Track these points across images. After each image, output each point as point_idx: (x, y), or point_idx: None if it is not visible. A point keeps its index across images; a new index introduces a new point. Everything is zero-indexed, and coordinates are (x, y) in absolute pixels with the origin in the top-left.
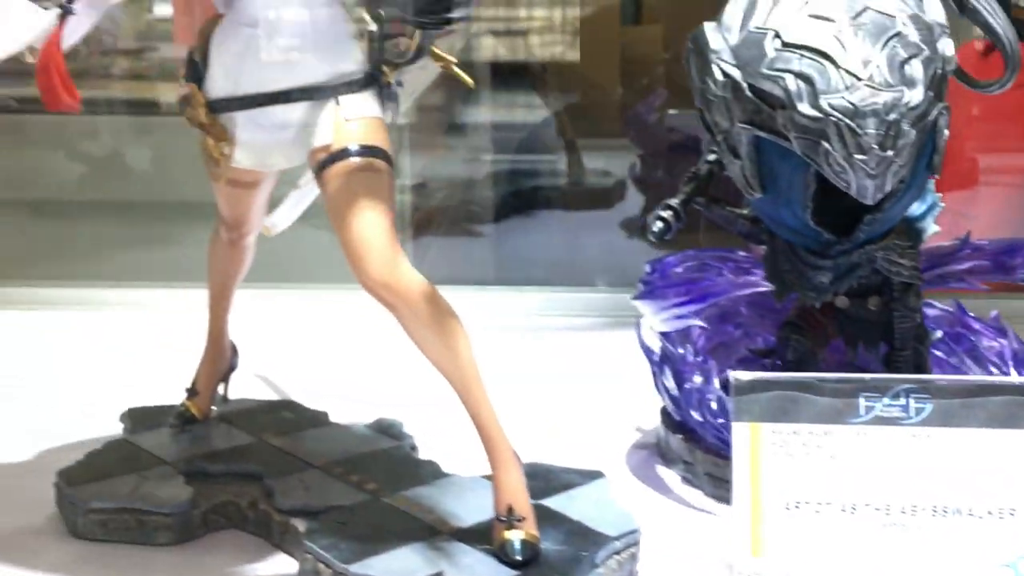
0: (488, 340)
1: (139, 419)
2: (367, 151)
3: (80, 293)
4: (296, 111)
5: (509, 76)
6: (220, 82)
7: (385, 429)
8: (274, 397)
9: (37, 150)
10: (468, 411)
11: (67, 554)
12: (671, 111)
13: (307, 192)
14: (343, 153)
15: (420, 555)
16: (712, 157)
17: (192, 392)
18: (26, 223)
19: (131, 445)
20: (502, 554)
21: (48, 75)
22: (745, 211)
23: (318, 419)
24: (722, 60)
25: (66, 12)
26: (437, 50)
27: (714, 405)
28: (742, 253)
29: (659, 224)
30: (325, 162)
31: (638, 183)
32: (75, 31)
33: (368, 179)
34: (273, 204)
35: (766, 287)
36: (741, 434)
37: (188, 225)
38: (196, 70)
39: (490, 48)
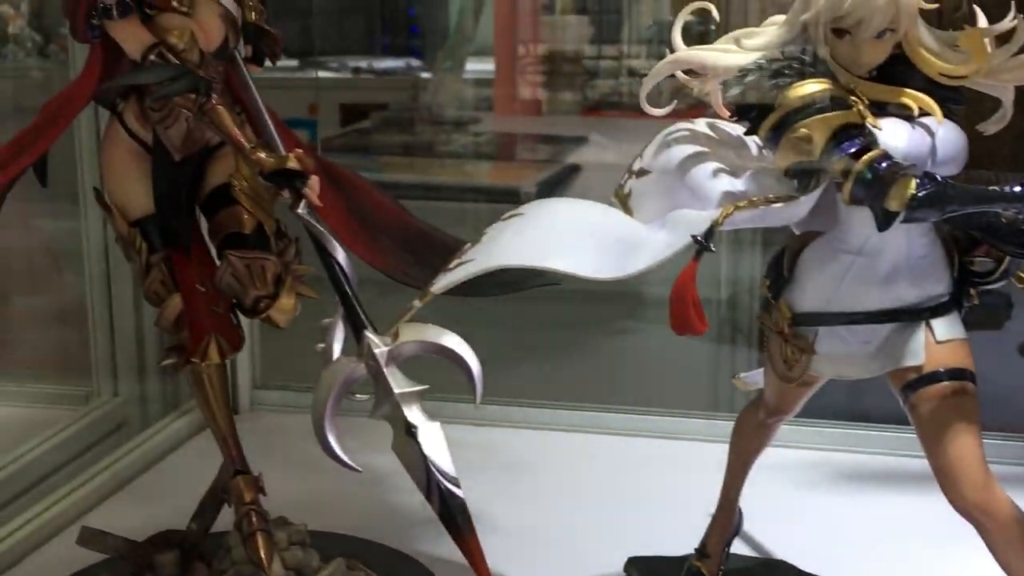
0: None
1: (644, 570)
2: (958, 374)
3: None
4: (883, 329)
5: None
6: (809, 298)
7: None
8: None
9: None
10: None
11: None
12: None
13: None
14: (935, 376)
15: None
16: None
17: (703, 554)
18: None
19: None
20: None
21: (683, 303)
22: None
23: None
24: None
25: (703, 248)
26: (1021, 273)
27: None
28: None
29: None
30: (915, 383)
31: None
32: None
33: (959, 403)
34: None
35: None
36: None
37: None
38: (780, 282)
39: None
